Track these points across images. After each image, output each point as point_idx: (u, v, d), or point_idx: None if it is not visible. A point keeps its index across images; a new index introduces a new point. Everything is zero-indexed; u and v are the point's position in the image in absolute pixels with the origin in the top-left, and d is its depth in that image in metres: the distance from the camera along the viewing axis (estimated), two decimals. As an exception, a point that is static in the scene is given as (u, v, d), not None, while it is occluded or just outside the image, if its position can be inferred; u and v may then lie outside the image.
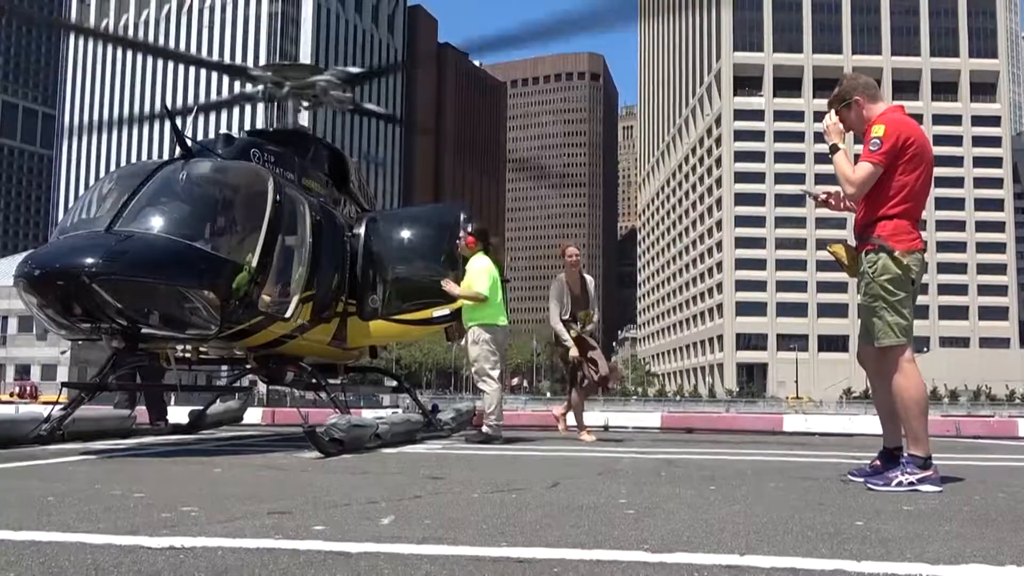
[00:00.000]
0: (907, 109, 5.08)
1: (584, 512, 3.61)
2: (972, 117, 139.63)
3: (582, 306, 9.24)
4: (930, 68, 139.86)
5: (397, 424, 8.48)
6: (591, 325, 9.22)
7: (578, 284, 9.30)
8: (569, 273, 9.29)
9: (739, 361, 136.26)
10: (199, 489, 4.55)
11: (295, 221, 7.96)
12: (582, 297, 9.29)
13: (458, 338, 9.80)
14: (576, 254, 9.37)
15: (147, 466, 6.13)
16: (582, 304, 9.25)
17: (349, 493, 4.27)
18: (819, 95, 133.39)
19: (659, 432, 12.19)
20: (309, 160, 9.33)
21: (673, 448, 8.23)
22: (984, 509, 3.88)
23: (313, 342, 8.61)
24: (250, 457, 6.83)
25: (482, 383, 8.68)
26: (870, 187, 4.74)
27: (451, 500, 4.02)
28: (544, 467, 6.20)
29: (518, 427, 11.69)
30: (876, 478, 4.66)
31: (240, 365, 9.16)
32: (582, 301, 9.27)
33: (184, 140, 7.69)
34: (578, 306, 9.22)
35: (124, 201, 7.01)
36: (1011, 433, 12.28)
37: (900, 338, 4.69)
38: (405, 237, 9.58)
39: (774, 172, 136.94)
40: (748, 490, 4.62)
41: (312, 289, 8.14)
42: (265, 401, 27.17)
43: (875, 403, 5.19)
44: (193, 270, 6.84)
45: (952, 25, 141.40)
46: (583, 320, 9.14)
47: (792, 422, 13.39)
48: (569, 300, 9.20)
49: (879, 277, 4.71)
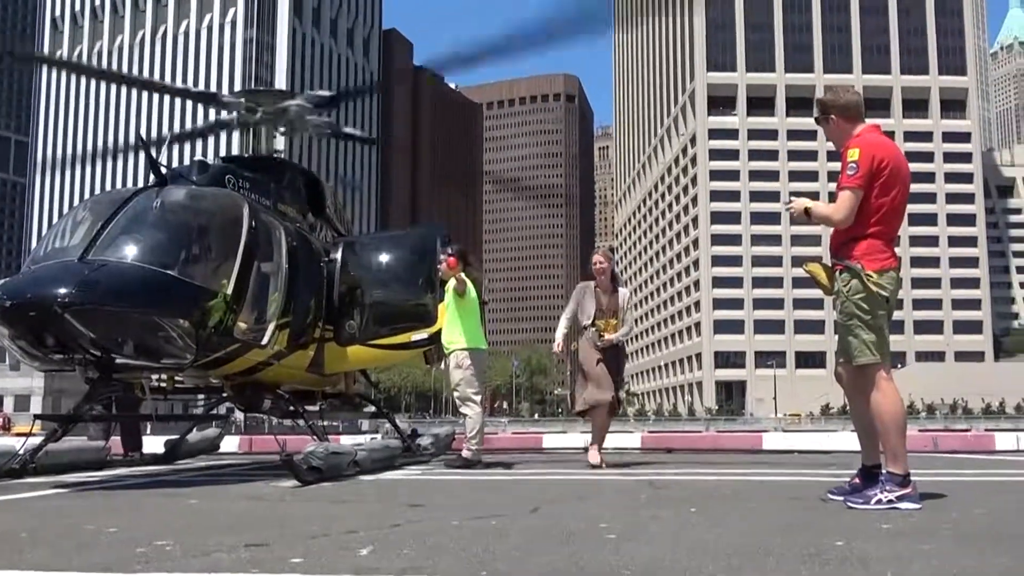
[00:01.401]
0: (879, 126, 5.12)
1: (565, 537, 3.59)
2: (943, 133, 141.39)
3: (606, 316, 8.52)
4: (901, 86, 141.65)
5: (376, 451, 8.42)
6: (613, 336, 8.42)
7: (608, 292, 8.59)
8: (599, 281, 8.62)
9: (718, 379, 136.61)
10: (174, 522, 4.48)
11: (271, 247, 7.91)
12: (609, 307, 8.55)
13: (437, 361, 9.77)
14: (600, 261, 8.67)
15: (121, 499, 6.04)
16: (607, 314, 8.52)
17: (327, 523, 4.22)
18: (792, 113, 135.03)
19: (639, 453, 12.16)
20: (284, 186, 9.29)
21: (654, 469, 8.21)
22: (964, 527, 3.89)
23: (290, 369, 8.55)
24: (227, 487, 6.75)
25: (465, 407, 8.63)
26: (855, 210, 4.77)
27: (431, 528, 3.98)
28: (525, 492, 6.16)
29: (498, 451, 11.64)
30: (856, 496, 4.67)
31: (216, 393, 9.08)
32: (609, 312, 8.54)
33: (158, 167, 7.64)
34: (604, 316, 8.51)
35: (97, 229, 6.95)
36: (988, 447, 12.36)
37: (875, 356, 4.71)
38: (382, 261, 9.55)
39: (749, 190, 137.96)
40: (729, 511, 4.61)
41: (289, 315, 8.08)
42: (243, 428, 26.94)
43: (853, 420, 5.20)
44: (168, 298, 6.78)
45: (921, 44, 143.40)
46: (601, 328, 8.43)
47: (771, 440, 13.41)
48: (594, 307, 8.51)
49: (853, 296, 4.73)
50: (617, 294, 8.62)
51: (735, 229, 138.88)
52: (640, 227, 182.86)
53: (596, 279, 8.64)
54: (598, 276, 8.64)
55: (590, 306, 8.53)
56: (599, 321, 8.45)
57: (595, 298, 8.55)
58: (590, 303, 8.54)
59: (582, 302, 8.58)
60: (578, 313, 8.60)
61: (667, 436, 14.85)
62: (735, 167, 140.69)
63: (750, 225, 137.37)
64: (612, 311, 8.55)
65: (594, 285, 8.64)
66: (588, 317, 8.48)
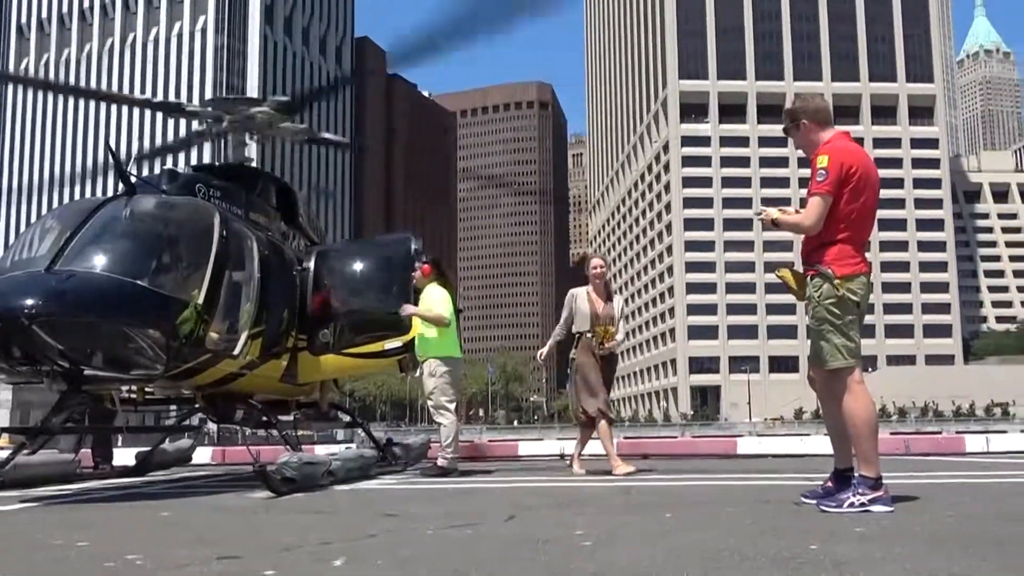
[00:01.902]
0: (849, 133, 5.16)
1: (541, 545, 3.57)
2: (911, 140, 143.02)
3: (606, 321, 8.31)
4: (869, 93, 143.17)
5: (350, 460, 8.37)
6: (611, 343, 8.25)
7: (602, 298, 8.40)
8: (595, 286, 8.43)
9: (692, 384, 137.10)
10: (145, 535, 4.43)
11: (242, 257, 7.85)
12: (604, 313, 8.33)
13: (412, 369, 9.73)
14: (601, 265, 8.50)
15: (91, 512, 5.96)
16: (602, 321, 8.30)
17: (301, 534, 4.18)
18: (763, 121, 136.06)
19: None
20: (256, 194, 9.24)
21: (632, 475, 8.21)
22: (935, 529, 3.92)
23: (263, 379, 8.49)
24: (199, 499, 6.69)
25: (439, 416, 8.61)
26: (824, 216, 4.80)
27: (405, 538, 3.96)
28: (500, 499, 6.15)
29: (475, 459, 11.61)
30: (829, 500, 4.69)
31: (188, 404, 9.00)
32: (606, 317, 8.33)
33: (127, 176, 7.56)
34: (601, 322, 8.29)
35: (65, 239, 6.86)
36: (958, 449, 12.50)
37: (848, 360, 4.74)
38: (355, 270, 9.52)
39: (722, 197, 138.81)
40: (704, 516, 4.62)
41: (261, 325, 8.02)
42: (216, 439, 26.71)
43: (826, 424, 5.23)
44: (137, 309, 6.70)
45: (889, 52, 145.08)
46: (599, 336, 8.19)
47: (746, 445, 13.47)
48: (589, 312, 8.28)
49: (824, 301, 4.77)
50: (612, 302, 8.43)
51: (708, 235, 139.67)
52: (614, 234, 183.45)
53: (592, 283, 8.42)
54: (595, 280, 8.42)
55: (586, 312, 8.28)
56: (597, 327, 8.23)
57: (590, 304, 8.31)
58: (586, 309, 8.29)
59: (577, 308, 8.33)
60: (573, 318, 8.36)
61: (643, 442, 14.88)
62: (708, 174, 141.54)
63: (723, 231, 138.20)
64: (608, 318, 8.34)
65: (587, 291, 8.40)
66: (585, 322, 8.24)
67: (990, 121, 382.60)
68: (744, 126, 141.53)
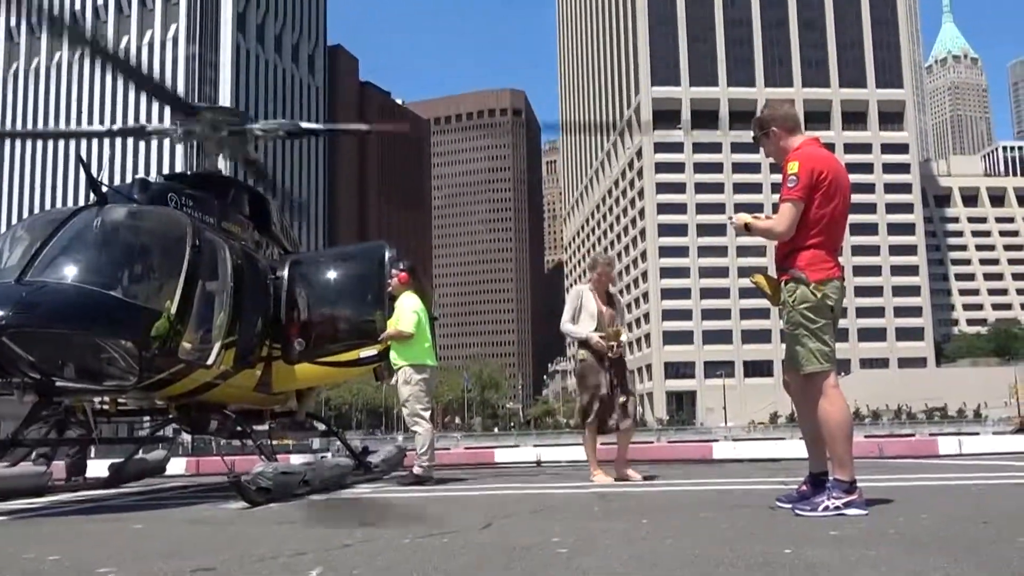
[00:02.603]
0: (820, 139, 5.21)
1: (517, 553, 3.57)
2: (881, 145, 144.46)
3: (607, 322, 7.97)
4: (840, 99, 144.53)
5: (326, 469, 8.33)
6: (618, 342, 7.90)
7: (604, 297, 8.13)
8: (597, 284, 8.13)
9: (668, 389, 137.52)
10: (118, 548, 4.38)
11: (215, 266, 7.79)
12: (608, 312, 8.05)
13: (387, 377, 9.70)
14: (607, 263, 8.22)
15: (63, 525, 5.88)
16: (609, 319, 8.00)
17: (276, 545, 4.15)
18: (736, 127, 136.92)
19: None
20: (229, 203, 9.16)
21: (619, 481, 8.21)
22: (909, 532, 3.95)
23: (237, 388, 8.42)
24: (173, 511, 6.62)
25: (414, 424, 8.59)
26: (796, 222, 4.83)
27: (381, 547, 3.94)
28: (477, 507, 6.13)
29: (451, 466, 11.58)
30: (803, 504, 4.72)
31: (162, 415, 8.90)
32: (608, 319, 8.01)
33: (98, 185, 7.49)
34: (605, 320, 7.95)
35: (36, 250, 6.79)
36: (932, 452, 12.63)
37: (823, 364, 4.78)
38: (330, 278, 9.47)
39: (695, 203, 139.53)
40: (680, 522, 4.63)
41: (234, 334, 7.96)
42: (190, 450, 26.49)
43: (801, 428, 5.26)
44: (109, 319, 6.63)
45: (859, 57, 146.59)
46: (609, 336, 7.85)
47: (721, 449, 13.54)
48: (596, 311, 7.95)
49: (799, 306, 4.80)
50: (615, 307, 8.18)
51: (682, 241, 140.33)
52: (589, 240, 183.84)
53: (597, 283, 8.12)
54: (603, 280, 8.13)
55: (593, 311, 7.95)
56: (608, 329, 7.90)
57: (596, 303, 8.03)
58: (592, 308, 7.97)
59: (584, 306, 8.00)
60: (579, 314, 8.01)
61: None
62: (681, 180, 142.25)
63: (697, 237, 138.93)
64: (611, 320, 8.03)
65: (590, 289, 8.12)
66: (593, 319, 7.91)
67: (959, 126, 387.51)
68: (716, 132, 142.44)
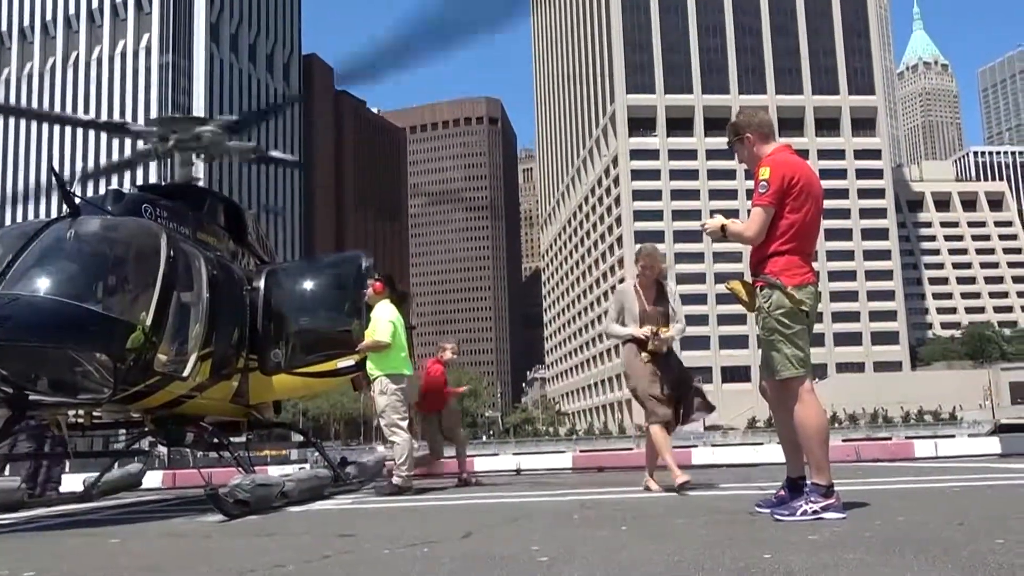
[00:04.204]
0: (793, 145, 5.25)
1: (497, 562, 3.56)
2: (854, 151, 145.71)
3: (654, 320, 7.35)
4: (813, 106, 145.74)
5: (304, 481, 8.29)
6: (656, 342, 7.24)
7: (652, 293, 7.49)
8: (642, 279, 7.52)
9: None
10: (95, 563, 4.33)
11: (190, 277, 7.74)
12: (656, 310, 7.42)
13: (365, 387, 9.67)
14: (646, 264, 7.55)
15: (38, 541, 5.81)
16: (655, 318, 7.37)
17: (254, 558, 4.12)
18: (710, 133, 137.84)
19: (571, 473, 12.20)
20: (204, 214, 9.12)
21: (585, 489, 8.24)
22: (886, 534, 3.98)
23: (214, 400, 8.36)
24: (150, 525, 6.56)
25: (392, 434, 8.57)
26: (766, 227, 4.87)
27: (361, 558, 3.92)
28: (457, 517, 6.12)
29: (431, 476, 11.54)
30: (782, 508, 4.74)
31: (137, 427, 8.82)
32: (655, 315, 7.39)
33: (71, 197, 7.42)
34: (650, 320, 7.35)
35: (8, 263, 6.72)
36: (908, 455, 12.74)
37: (798, 370, 4.80)
38: (306, 288, 9.43)
39: (671, 209, 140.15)
40: (660, 528, 4.64)
41: (210, 346, 7.91)
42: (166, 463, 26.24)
43: (778, 434, 5.29)
44: (83, 332, 6.57)
45: (831, 64, 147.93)
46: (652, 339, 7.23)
47: (700, 455, 13.58)
48: (639, 312, 7.38)
49: (774, 311, 4.83)
50: (665, 299, 7.52)
51: (659, 247, 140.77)
52: (566, 247, 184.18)
53: (642, 279, 7.53)
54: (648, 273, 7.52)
55: (635, 311, 7.40)
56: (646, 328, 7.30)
57: (639, 302, 7.45)
58: (635, 308, 7.41)
59: (627, 307, 7.47)
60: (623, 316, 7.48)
61: (598, 455, 14.94)
62: (657, 186, 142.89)
63: (673, 243, 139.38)
64: (659, 317, 7.41)
65: (633, 286, 7.56)
66: (636, 321, 7.36)
67: (930, 132, 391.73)
68: (692, 139, 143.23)
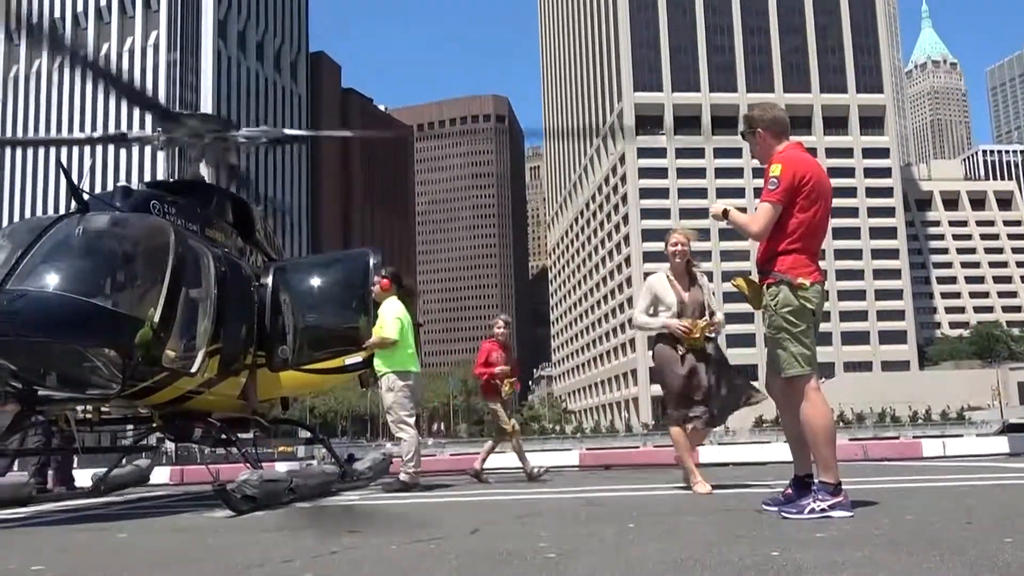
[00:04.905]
0: (802, 143, 5.23)
1: (504, 558, 3.57)
2: (863, 149, 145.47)
3: (692, 310, 6.81)
4: (821, 104, 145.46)
5: (312, 477, 8.31)
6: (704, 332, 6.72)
7: (685, 281, 6.94)
8: (673, 266, 6.97)
9: (653, 394, 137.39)
10: (103, 558, 4.35)
11: (198, 273, 7.76)
12: (694, 299, 6.87)
13: (372, 384, 9.68)
14: (680, 242, 6.98)
15: (47, 535, 5.83)
16: (692, 308, 6.82)
17: (263, 553, 4.13)
18: (718, 132, 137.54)
19: (578, 471, 12.20)
20: (212, 210, 9.12)
21: (592, 486, 8.24)
22: (894, 533, 3.97)
23: (221, 396, 8.37)
24: (158, 520, 6.58)
25: (399, 431, 8.58)
26: (772, 224, 4.87)
27: (368, 554, 3.92)
28: (463, 513, 6.12)
29: (437, 473, 11.56)
30: (789, 506, 4.74)
31: (145, 423, 8.84)
32: (692, 308, 6.82)
33: (79, 193, 7.44)
34: (688, 310, 6.80)
35: (16, 258, 6.73)
36: (916, 454, 12.70)
37: (805, 368, 4.80)
38: (314, 285, 9.44)
39: (679, 208, 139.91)
40: (666, 526, 4.64)
41: (218, 342, 7.92)
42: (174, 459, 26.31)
43: (785, 432, 5.29)
44: (91, 328, 6.59)
45: (840, 63, 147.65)
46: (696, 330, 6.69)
47: (707, 453, 13.55)
48: (674, 302, 6.80)
49: (781, 309, 4.82)
50: (699, 285, 6.97)
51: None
52: (573, 246, 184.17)
53: (673, 265, 6.96)
54: (674, 260, 6.95)
55: (671, 300, 6.83)
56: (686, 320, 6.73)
57: (674, 290, 6.87)
58: (670, 297, 6.84)
59: (660, 297, 6.89)
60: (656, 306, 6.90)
61: (605, 453, 14.93)
62: (664, 185, 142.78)
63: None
64: (697, 306, 6.85)
65: (666, 274, 6.98)
66: (670, 311, 6.80)
67: (939, 130, 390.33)
68: (699, 137, 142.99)
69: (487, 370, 9.94)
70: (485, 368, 9.96)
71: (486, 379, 9.93)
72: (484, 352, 10.06)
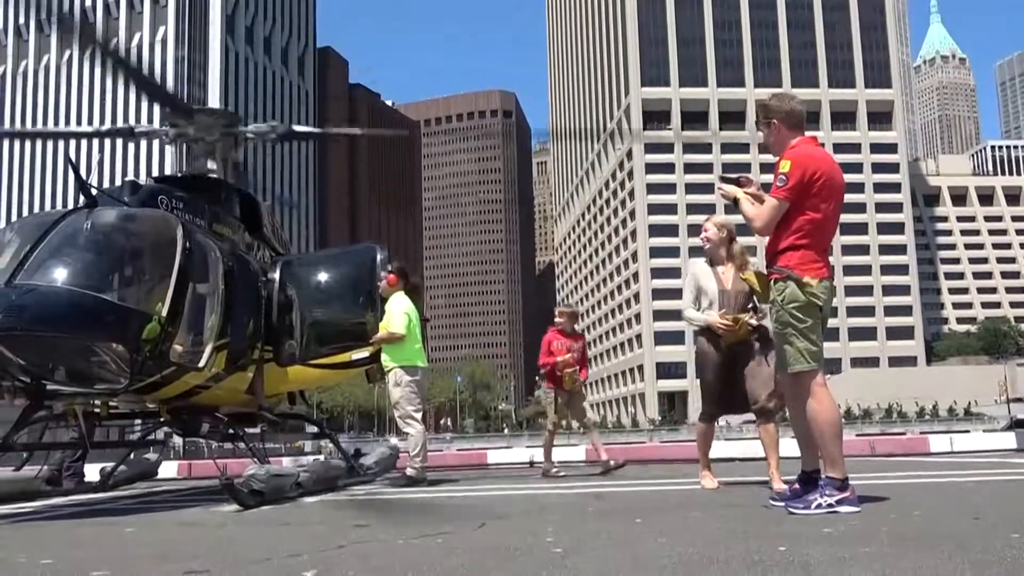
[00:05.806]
0: (816, 138, 5.19)
1: (511, 553, 3.57)
2: (871, 145, 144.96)
3: (734, 305, 6.35)
4: (829, 99, 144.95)
5: (319, 471, 8.32)
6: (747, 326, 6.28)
7: (728, 269, 6.47)
8: (713, 253, 6.54)
9: (660, 390, 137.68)
10: (110, 551, 4.36)
11: (206, 268, 7.77)
12: (735, 292, 6.37)
13: (379, 379, 9.70)
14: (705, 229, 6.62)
15: (55, 529, 5.86)
16: (734, 302, 6.36)
17: (270, 547, 4.14)
18: (725, 127, 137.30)
19: (584, 465, 12.20)
20: (219, 205, 9.14)
21: (599, 481, 8.24)
22: (902, 529, 3.97)
23: (229, 391, 8.40)
24: (165, 514, 6.60)
25: (405, 426, 8.59)
26: (776, 221, 4.85)
27: (376, 548, 3.93)
28: (470, 508, 6.13)
29: (444, 468, 11.57)
30: (796, 502, 4.73)
31: (153, 418, 8.88)
32: (734, 298, 6.37)
33: (88, 188, 7.46)
34: (729, 305, 6.35)
35: (25, 253, 6.75)
36: (923, 450, 12.68)
37: (811, 364, 4.78)
38: (321, 280, 9.46)
39: (686, 203, 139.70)
40: (673, 521, 4.64)
41: (226, 337, 7.94)
42: (181, 453, 26.40)
43: (792, 427, 5.28)
44: (100, 322, 6.61)
45: (848, 58, 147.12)
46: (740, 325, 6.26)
47: (714, 448, 13.53)
48: (716, 292, 6.40)
49: (788, 305, 4.81)
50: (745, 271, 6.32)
51: (673, 241, 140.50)
52: (580, 241, 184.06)
53: (713, 252, 6.55)
54: (716, 244, 6.52)
55: (713, 291, 6.42)
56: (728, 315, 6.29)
57: (717, 280, 6.45)
58: (712, 287, 6.43)
59: (703, 288, 6.48)
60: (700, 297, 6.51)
61: (612, 448, 14.90)
62: (671, 180, 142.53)
63: (687, 237, 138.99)
64: (740, 296, 6.39)
65: (707, 262, 6.58)
66: (714, 304, 6.40)
67: (947, 125, 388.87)
68: (707, 132, 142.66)
69: (548, 360, 9.66)
70: (547, 359, 9.72)
71: (548, 369, 9.77)
72: (545, 342, 9.80)
